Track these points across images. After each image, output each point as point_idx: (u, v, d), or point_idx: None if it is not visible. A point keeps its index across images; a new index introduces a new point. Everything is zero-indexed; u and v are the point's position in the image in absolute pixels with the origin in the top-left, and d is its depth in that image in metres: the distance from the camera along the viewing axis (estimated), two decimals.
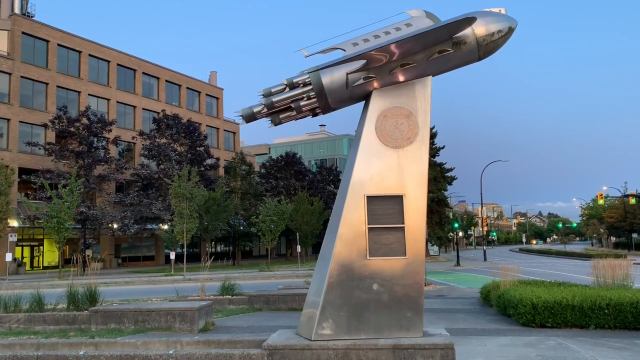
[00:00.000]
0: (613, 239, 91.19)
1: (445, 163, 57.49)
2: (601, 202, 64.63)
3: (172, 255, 37.51)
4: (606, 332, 10.25)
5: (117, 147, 48.79)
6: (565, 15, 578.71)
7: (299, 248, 46.26)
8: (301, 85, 7.97)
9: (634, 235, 73.12)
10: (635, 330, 10.30)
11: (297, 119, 8.31)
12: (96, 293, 12.43)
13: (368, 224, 7.79)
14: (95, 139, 43.53)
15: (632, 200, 59.06)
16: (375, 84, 8.03)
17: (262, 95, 8.07)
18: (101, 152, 44.09)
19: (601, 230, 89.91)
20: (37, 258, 46.06)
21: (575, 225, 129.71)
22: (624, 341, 9.31)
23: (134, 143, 51.17)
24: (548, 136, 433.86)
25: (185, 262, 34.25)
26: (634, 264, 16.02)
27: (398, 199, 7.88)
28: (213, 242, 58.64)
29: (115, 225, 43.12)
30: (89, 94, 48.87)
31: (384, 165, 7.96)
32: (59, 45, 46.96)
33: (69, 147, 41.80)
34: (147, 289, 24.25)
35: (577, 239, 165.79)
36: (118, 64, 52.26)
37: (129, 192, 46.28)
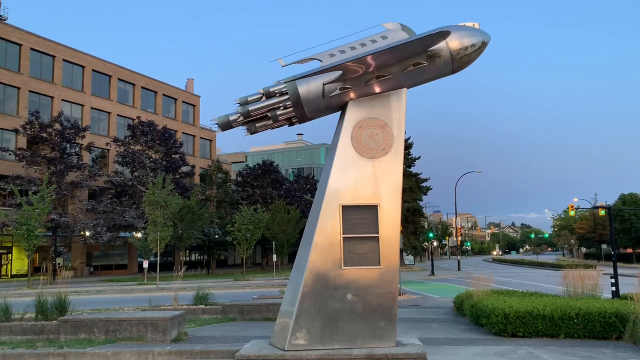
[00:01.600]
0: (583, 249, 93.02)
1: (421, 173, 58.12)
2: (572, 213, 65.75)
3: (145, 264, 36.94)
4: (575, 341, 10.43)
5: (91, 153, 48.03)
6: (539, 29, 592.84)
7: (274, 257, 46.03)
8: (278, 94, 8.01)
9: (604, 246, 74.74)
10: (603, 339, 10.49)
11: (273, 128, 8.34)
12: (66, 302, 12.16)
13: (343, 234, 7.83)
14: (68, 145, 42.76)
15: (602, 212, 60.25)
16: (352, 95, 8.10)
17: (239, 103, 8.09)
18: (74, 158, 43.32)
19: (572, 241, 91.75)
20: (5, 266, 44.86)
21: (547, 236, 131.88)
22: (592, 350, 9.49)
23: (108, 150, 50.44)
24: (520, 149, 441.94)
25: (158, 271, 33.77)
26: (603, 274, 16.38)
27: (373, 209, 7.95)
28: (187, 251, 57.97)
29: (87, 233, 42.33)
30: (62, 100, 48.06)
31: (359, 175, 8.03)
32: (32, 49, 46.16)
33: (40, 153, 40.97)
34: (119, 298, 23.83)
35: (549, 249, 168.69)
36: (93, 70, 51.57)
37: (102, 200, 45.51)
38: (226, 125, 8.14)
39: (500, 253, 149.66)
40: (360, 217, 7.92)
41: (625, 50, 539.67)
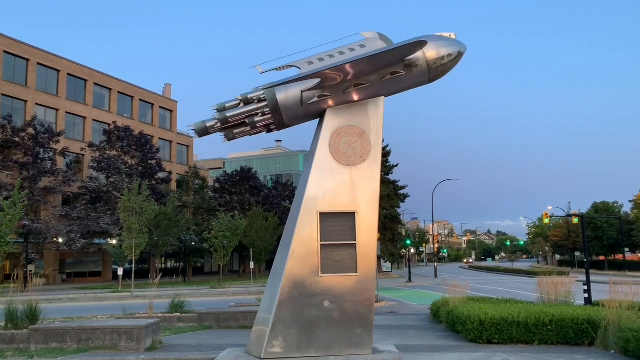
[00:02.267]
0: (558, 257, 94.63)
1: (399, 181, 58.55)
2: (546, 221, 66.84)
3: (120, 271, 36.40)
4: (549, 347, 10.57)
5: (65, 158, 47.24)
6: (513, 37, 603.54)
7: (252, 264, 45.77)
8: (256, 101, 7.99)
9: (577, 253, 76.09)
10: (576, 345, 10.66)
11: (251, 135, 8.32)
12: (37, 310, 11.90)
13: (321, 241, 7.83)
14: (42, 150, 41.97)
15: (575, 220, 61.43)
16: (330, 102, 8.13)
17: (216, 110, 8.04)
18: (48, 163, 42.51)
19: (546, 248, 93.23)
20: None
21: (522, 243, 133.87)
22: (565, 356, 9.62)
23: (83, 155, 49.67)
24: (496, 158, 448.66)
25: (133, 278, 33.28)
26: (576, 281, 16.68)
27: (350, 216, 7.97)
28: (163, 258, 57.28)
29: (60, 240, 41.52)
30: (36, 104, 47.19)
31: (337, 182, 8.05)
32: (5, 52, 45.27)
33: (12, 157, 40.12)
34: (93, 306, 23.41)
35: (525, 256, 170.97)
36: (68, 74, 50.80)
37: (76, 206, 44.75)
38: (203, 132, 8.09)
39: (471, 260, 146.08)
40: (337, 225, 7.94)
41: (603, 61, 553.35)
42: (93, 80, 53.41)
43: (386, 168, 55.88)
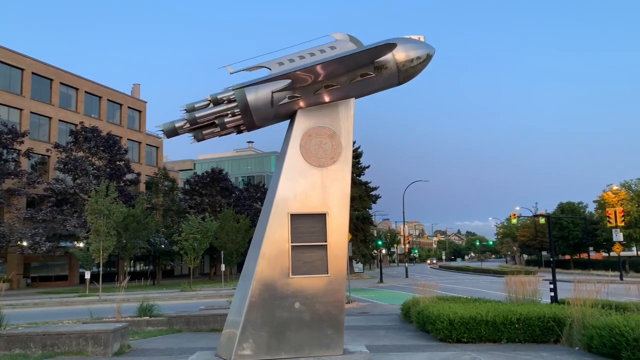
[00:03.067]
0: (525, 256, 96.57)
1: (370, 182, 58.81)
2: (514, 221, 68.24)
3: (87, 275, 35.63)
4: (517, 345, 10.75)
5: (30, 160, 46.02)
6: (484, 36, 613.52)
7: (223, 267, 45.40)
8: (226, 101, 7.93)
9: (544, 253, 77.79)
10: (542, 343, 10.87)
11: (221, 136, 8.24)
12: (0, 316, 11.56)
13: (291, 242, 7.81)
14: (5, 151, 40.82)
15: (542, 220, 62.86)
16: (301, 104, 8.12)
17: (185, 110, 7.95)
18: (11, 164, 41.36)
19: (514, 248, 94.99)
20: None
21: (491, 243, 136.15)
22: (532, 354, 9.81)
23: (49, 156, 48.50)
24: (465, 158, 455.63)
25: (101, 282, 32.61)
26: (543, 280, 17.03)
27: (321, 217, 7.97)
28: (132, 261, 56.36)
29: (24, 243, 40.39)
30: None
31: (308, 183, 8.04)
32: None
33: None
34: (59, 311, 22.87)
35: (493, 256, 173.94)
36: (33, 73, 49.53)
37: (41, 208, 43.62)
38: (172, 132, 7.98)
39: (434, 261, 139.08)
40: (308, 226, 7.93)
41: (572, 60, 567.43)
42: (59, 80, 52.21)
43: (358, 169, 56.15)
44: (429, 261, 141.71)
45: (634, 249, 65.15)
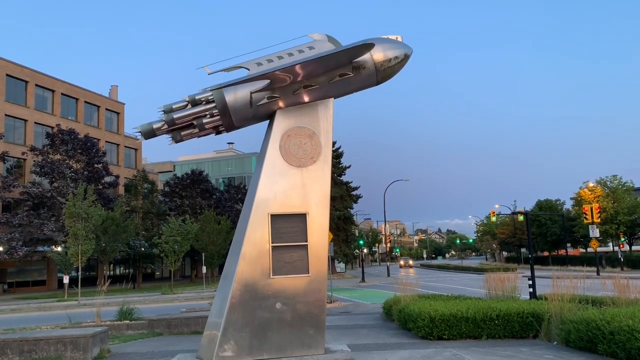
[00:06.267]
0: (505, 253, 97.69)
1: (351, 182, 58.97)
2: (494, 219, 69.11)
3: (66, 280, 35.11)
4: (497, 341, 10.90)
5: (5, 163, 45.13)
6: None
7: (204, 269, 45.10)
8: (204, 102, 7.88)
9: (523, 250, 78.80)
10: (521, 338, 11.04)
11: (199, 136, 8.19)
12: None
13: (272, 243, 7.80)
14: None
15: (521, 217, 63.65)
16: (280, 104, 8.12)
17: (163, 111, 7.88)
18: None
19: (494, 245, 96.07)
20: None
21: (471, 241, 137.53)
22: (511, 349, 9.95)
23: (24, 159, 47.65)
24: (444, 157, 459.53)
25: (80, 286, 32.22)
26: (522, 276, 17.29)
27: (302, 217, 7.98)
28: (112, 265, 55.69)
29: (0, 248, 39.65)
30: None
31: (288, 183, 8.04)
32: None
33: None
34: (37, 317, 22.50)
35: (474, 254, 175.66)
36: (7, 75, 48.60)
37: (17, 212, 42.79)
38: (149, 134, 7.91)
39: (409, 262, 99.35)
40: (289, 226, 7.93)
41: (552, 61, 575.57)
42: (34, 82, 51.32)
43: (339, 169, 56.27)
44: (402, 262, 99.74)
45: (610, 244, 66.41)
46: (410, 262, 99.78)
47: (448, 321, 11.11)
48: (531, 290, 17.51)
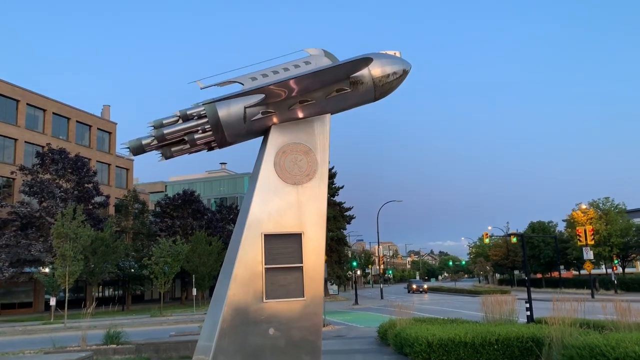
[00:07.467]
0: (498, 275, 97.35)
1: (344, 202, 58.69)
2: (487, 241, 68.95)
3: (53, 302, 34.32)
4: None
5: None
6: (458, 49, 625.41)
7: (194, 291, 44.39)
8: (196, 117, 7.61)
9: (516, 272, 78.54)
10: None
11: (190, 153, 7.90)
12: None
13: (265, 264, 7.45)
14: None
15: (514, 239, 63.57)
16: (275, 119, 7.86)
17: (152, 126, 7.60)
18: None
19: (487, 267, 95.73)
20: None
21: (464, 263, 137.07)
22: None
23: (14, 179, 47.03)
24: (436, 179, 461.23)
25: (66, 308, 31.42)
26: (517, 299, 16.98)
27: (297, 237, 7.66)
28: (100, 286, 54.76)
29: None
30: None
31: (283, 202, 7.74)
32: None
33: None
34: (21, 340, 21.84)
35: (466, 276, 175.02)
36: None
37: (4, 232, 42.04)
38: (138, 149, 7.61)
39: (424, 288, 77.27)
40: (283, 247, 7.59)
41: (539, 71, 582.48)
42: (25, 101, 50.99)
43: (332, 190, 56.03)
44: (414, 286, 76.99)
45: (603, 266, 66.24)
46: (425, 286, 77.65)
47: (446, 346, 10.77)
48: (529, 313, 17.21)
